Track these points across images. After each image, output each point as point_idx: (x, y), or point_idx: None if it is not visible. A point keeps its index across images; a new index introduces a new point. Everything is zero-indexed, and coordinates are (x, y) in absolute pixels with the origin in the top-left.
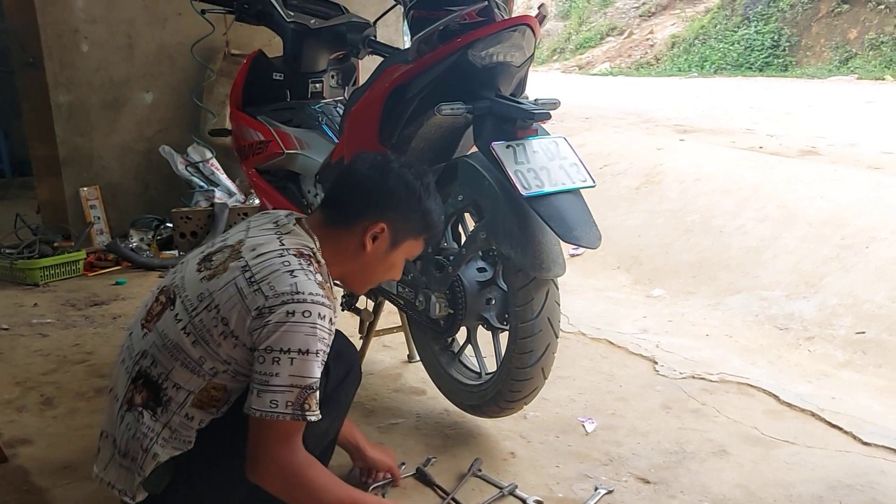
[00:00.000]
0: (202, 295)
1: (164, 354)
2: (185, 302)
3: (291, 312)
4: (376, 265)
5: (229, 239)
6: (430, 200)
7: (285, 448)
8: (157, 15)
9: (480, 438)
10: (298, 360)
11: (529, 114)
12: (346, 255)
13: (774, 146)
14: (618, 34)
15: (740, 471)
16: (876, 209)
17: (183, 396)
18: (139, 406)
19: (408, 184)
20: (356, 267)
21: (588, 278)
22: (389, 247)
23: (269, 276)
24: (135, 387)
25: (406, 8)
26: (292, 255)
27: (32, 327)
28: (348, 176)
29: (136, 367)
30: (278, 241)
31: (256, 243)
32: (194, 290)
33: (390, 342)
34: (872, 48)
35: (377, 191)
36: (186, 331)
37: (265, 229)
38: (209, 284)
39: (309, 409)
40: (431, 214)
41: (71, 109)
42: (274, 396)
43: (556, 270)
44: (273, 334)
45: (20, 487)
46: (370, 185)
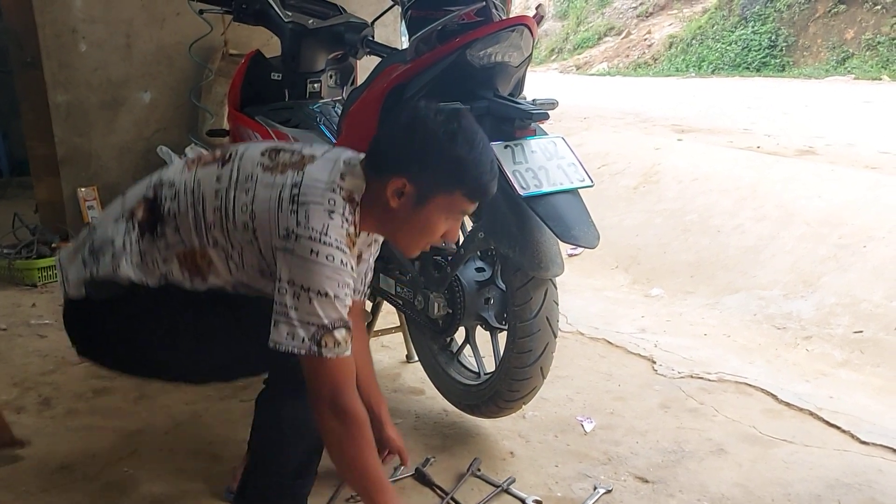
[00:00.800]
0: (250, 177)
1: (186, 198)
2: (234, 171)
3: (317, 252)
4: (411, 224)
5: (305, 148)
6: (461, 147)
7: (335, 386)
8: (156, 15)
9: (479, 438)
10: (318, 299)
11: (527, 114)
12: (380, 211)
13: (772, 146)
14: (616, 34)
15: (739, 470)
16: (873, 209)
17: (175, 242)
18: (135, 221)
19: (428, 131)
20: (392, 225)
21: (586, 278)
22: (416, 203)
23: (311, 204)
24: (144, 205)
25: (404, 8)
26: (342, 196)
27: (30, 328)
28: (386, 124)
29: (157, 191)
30: (339, 176)
31: (321, 167)
32: (247, 168)
33: (389, 342)
34: (869, 48)
35: (399, 141)
36: (218, 195)
37: (332, 154)
38: (262, 174)
39: (325, 345)
40: (463, 164)
41: (69, 109)
42: (291, 329)
43: (555, 270)
44: (295, 268)
45: (18, 488)
46: (396, 134)
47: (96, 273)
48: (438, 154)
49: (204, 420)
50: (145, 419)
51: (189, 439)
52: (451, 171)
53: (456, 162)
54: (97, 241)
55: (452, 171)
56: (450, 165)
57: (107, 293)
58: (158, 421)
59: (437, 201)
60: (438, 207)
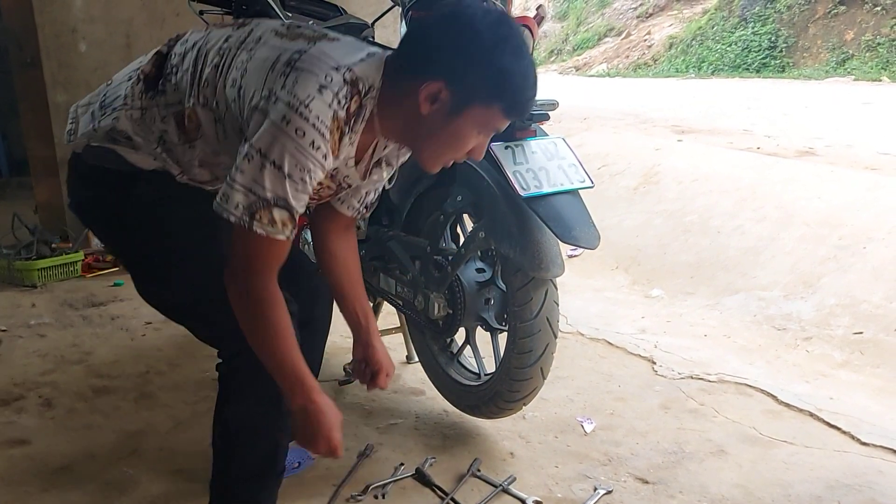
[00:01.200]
0: (258, 40)
1: (191, 55)
2: (245, 33)
3: (288, 120)
4: (439, 134)
5: (332, 32)
6: (508, 56)
7: (252, 263)
8: (156, 15)
9: (479, 439)
10: (270, 170)
11: (528, 114)
12: (406, 115)
13: (772, 147)
14: (615, 35)
15: (739, 471)
16: (873, 210)
17: (173, 101)
18: (143, 75)
19: (476, 32)
20: (417, 134)
21: (586, 279)
22: (450, 111)
23: (304, 72)
24: (155, 59)
25: (404, 9)
26: (344, 77)
27: (31, 328)
28: (424, 19)
29: (172, 47)
30: (350, 59)
31: (338, 47)
32: (258, 32)
33: (389, 343)
34: (869, 49)
35: (438, 38)
36: (220, 52)
37: (358, 45)
38: (271, 38)
39: (259, 219)
40: (508, 76)
41: (69, 109)
42: (229, 191)
43: (555, 270)
44: (261, 130)
45: (18, 488)
46: (434, 29)
47: (97, 128)
48: (483, 60)
49: (204, 420)
50: (145, 419)
51: (189, 439)
52: (494, 82)
53: (500, 72)
54: (109, 94)
55: (495, 82)
56: (494, 75)
57: (102, 160)
58: (159, 421)
59: (473, 112)
60: (472, 120)
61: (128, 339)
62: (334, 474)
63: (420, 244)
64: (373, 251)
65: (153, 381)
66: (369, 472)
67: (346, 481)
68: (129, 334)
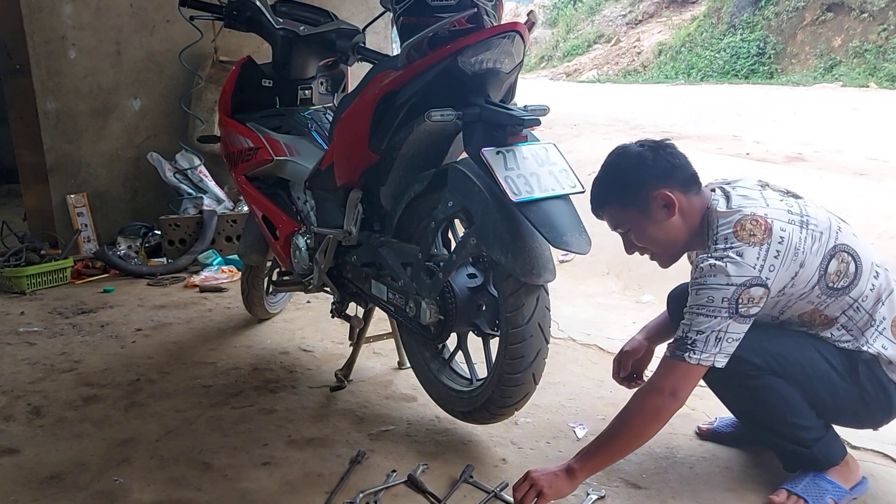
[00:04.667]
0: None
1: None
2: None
3: None
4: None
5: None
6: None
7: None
8: (146, 22)
9: (472, 445)
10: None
11: (519, 120)
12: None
13: (761, 153)
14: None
15: (731, 475)
16: (862, 215)
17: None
18: None
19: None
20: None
21: (577, 284)
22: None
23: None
24: None
25: (395, 14)
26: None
27: (19, 336)
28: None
29: None
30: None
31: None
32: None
33: (381, 349)
34: (857, 56)
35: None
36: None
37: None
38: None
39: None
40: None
41: (58, 116)
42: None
43: (547, 276)
44: None
45: (7, 498)
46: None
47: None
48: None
49: (195, 427)
50: (136, 427)
51: (180, 447)
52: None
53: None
54: None
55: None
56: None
57: None
58: (149, 429)
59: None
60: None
61: (118, 346)
62: (326, 481)
63: (411, 250)
64: (364, 257)
65: (144, 389)
66: (361, 478)
67: (339, 488)
68: (118, 342)
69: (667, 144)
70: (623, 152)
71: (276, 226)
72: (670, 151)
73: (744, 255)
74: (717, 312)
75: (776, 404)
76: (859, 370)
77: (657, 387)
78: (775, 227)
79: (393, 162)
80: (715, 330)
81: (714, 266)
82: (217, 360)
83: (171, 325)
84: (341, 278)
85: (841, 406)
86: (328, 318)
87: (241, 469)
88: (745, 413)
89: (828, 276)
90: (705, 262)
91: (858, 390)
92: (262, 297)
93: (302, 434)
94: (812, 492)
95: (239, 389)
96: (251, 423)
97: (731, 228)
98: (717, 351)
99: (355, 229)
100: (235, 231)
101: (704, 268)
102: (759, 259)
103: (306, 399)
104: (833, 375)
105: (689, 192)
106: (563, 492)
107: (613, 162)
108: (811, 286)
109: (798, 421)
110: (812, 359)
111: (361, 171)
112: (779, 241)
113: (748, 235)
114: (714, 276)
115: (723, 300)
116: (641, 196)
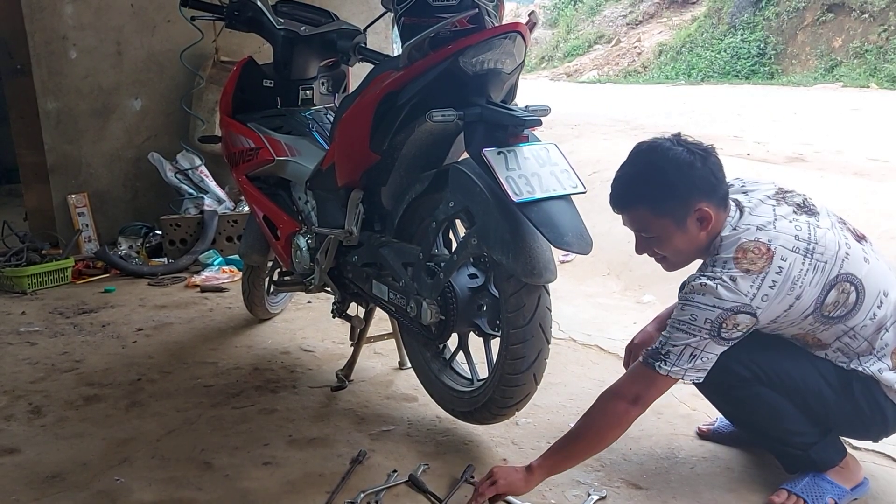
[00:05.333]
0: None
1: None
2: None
3: None
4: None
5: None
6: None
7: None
8: (146, 22)
9: (472, 445)
10: None
11: (521, 120)
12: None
13: (762, 153)
14: (605, 42)
15: (731, 475)
16: (862, 215)
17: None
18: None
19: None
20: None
21: (578, 284)
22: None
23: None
24: None
25: (396, 15)
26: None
27: (20, 335)
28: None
29: None
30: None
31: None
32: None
33: (381, 349)
34: (857, 56)
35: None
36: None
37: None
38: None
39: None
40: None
41: (59, 116)
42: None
43: (548, 276)
44: None
45: (8, 497)
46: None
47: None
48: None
49: (196, 427)
50: (136, 427)
51: (181, 447)
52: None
53: None
54: None
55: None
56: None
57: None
58: (150, 428)
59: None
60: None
61: (119, 346)
62: (327, 481)
63: (412, 250)
64: (365, 257)
65: (144, 388)
66: (362, 478)
67: (340, 488)
68: (119, 341)
69: (713, 153)
70: (669, 153)
71: (277, 226)
72: (714, 161)
73: (737, 281)
74: (697, 332)
75: (765, 413)
76: (853, 387)
77: (621, 392)
78: (776, 257)
79: (394, 162)
80: (691, 347)
81: (705, 286)
82: (218, 359)
83: (172, 324)
84: (342, 278)
85: (835, 418)
86: (329, 318)
87: (242, 469)
88: (738, 419)
89: (824, 306)
90: (697, 280)
91: (851, 406)
92: (262, 297)
93: (303, 434)
94: (811, 492)
95: (240, 389)
96: (252, 422)
97: (731, 253)
98: (689, 367)
99: (356, 229)
100: (236, 231)
101: (696, 286)
102: (752, 288)
103: (307, 399)
104: (826, 390)
105: (721, 210)
106: (518, 487)
107: (656, 162)
108: (805, 316)
109: (790, 427)
110: (804, 372)
111: (362, 171)
112: (777, 271)
113: (748, 263)
114: (703, 296)
115: (705, 321)
116: (684, 208)
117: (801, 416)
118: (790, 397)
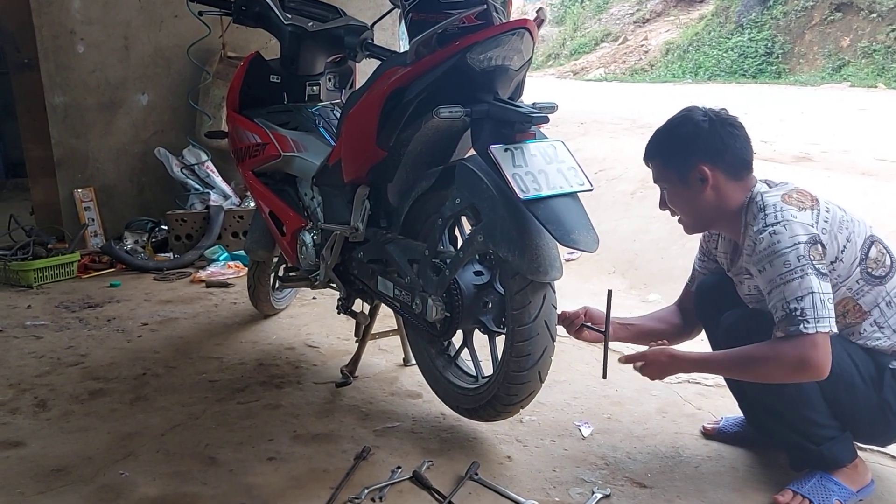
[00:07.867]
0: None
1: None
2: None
3: None
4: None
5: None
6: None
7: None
8: (154, 17)
9: (477, 442)
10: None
11: (528, 117)
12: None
13: (769, 152)
14: (612, 40)
15: (736, 475)
16: (870, 215)
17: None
18: None
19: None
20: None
21: (583, 282)
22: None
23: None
24: None
25: (404, 11)
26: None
27: (26, 329)
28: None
29: None
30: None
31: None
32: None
33: (386, 345)
34: (865, 56)
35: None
36: None
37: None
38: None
39: None
40: None
41: (66, 111)
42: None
43: (554, 274)
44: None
45: (13, 490)
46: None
47: None
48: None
49: (201, 422)
50: (141, 421)
51: (186, 441)
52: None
53: None
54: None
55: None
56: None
57: None
58: (155, 423)
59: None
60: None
61: (124, 340)
62: (332, 477)
63: (418, 247)
64: (371, 253)
65: (149, 383)
66: (366, 474)
67: (344, 484)
68: (125, 336)
69: (731, 121)
70: (686, 116)
71: (283, 222)
72: (730, 130)
73: (797, 216)
74: (802, 271)
75: (793, 395)
76: (884, 379)
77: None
78: (821, 201)
79: (401, 158)
80: (812, 291)
81: (774, 233)
82: (223, 355)
83: (178, 319)
84: (347, 275)
85: (858, 413)
86: (334, 315)
87: (247, 464)
88: (759, 401)
89: (868, 260)
90: (763, 232)
91: (879, 400)
92: (268, 292)
93: (307, 429)
94: (818, 493)
95: (245, 384)
96: (257, 418)
97: (778, 198)
98: (826, 314)
99: (362, 226)
100: (242, 227)
101: (764, 238)
102: (811, 218)
103: (312, 395)
104: (857, 379)
105: (733, 177)
106: (664, 365)
107: (675, 122)
108: (855, 265)
109: (812, 416)
110: (839, 358)
111: (369, 167)
112: (826, 210)
113: (797, 202)
114: (779, 242)
115: (798, 258)
116: (684, 165)
117: (826, 408)
118: (821, 384)
